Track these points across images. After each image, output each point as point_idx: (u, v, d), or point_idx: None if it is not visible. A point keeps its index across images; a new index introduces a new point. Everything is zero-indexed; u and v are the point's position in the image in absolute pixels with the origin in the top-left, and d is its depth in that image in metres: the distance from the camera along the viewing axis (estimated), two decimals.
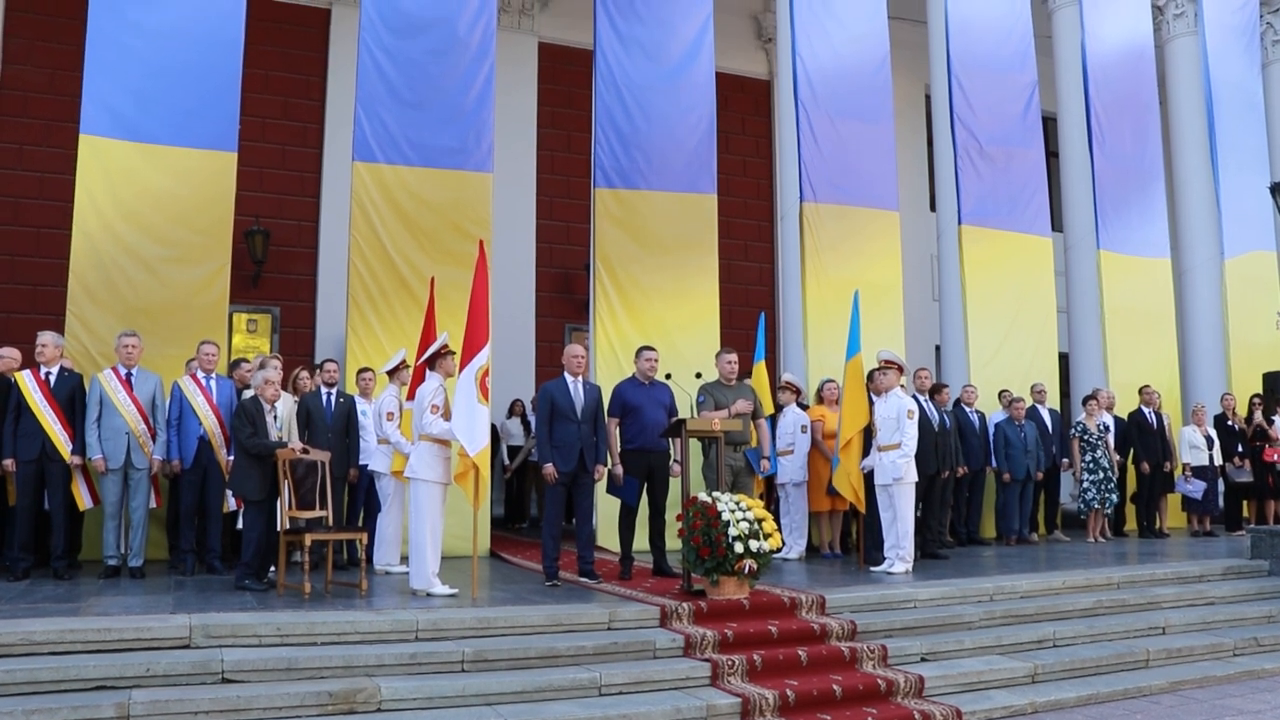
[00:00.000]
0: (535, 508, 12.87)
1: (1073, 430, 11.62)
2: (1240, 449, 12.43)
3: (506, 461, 12.80)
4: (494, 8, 10.38)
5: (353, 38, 10.50)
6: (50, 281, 10.86)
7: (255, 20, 10.10)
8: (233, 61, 9.34)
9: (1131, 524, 12.46)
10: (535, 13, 14.98)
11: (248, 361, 9.05)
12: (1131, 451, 12.18)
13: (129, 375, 7.95)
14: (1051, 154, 14.09)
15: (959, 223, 12.34)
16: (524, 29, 14.85)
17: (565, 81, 14.92)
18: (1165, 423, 12.36)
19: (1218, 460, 12.28)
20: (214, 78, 9.25)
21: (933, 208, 14.08)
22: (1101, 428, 11.53)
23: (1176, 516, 12.65)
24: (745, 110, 16.22)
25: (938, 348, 13.42)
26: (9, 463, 7.60)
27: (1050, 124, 14.40)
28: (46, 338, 7.89)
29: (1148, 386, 12.42)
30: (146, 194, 9.00)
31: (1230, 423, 12.60)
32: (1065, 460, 11.71)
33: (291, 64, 13.72)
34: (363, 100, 9.78)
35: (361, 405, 8.75)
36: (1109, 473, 11.34)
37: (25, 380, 7.70)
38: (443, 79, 9.98)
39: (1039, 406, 11.67)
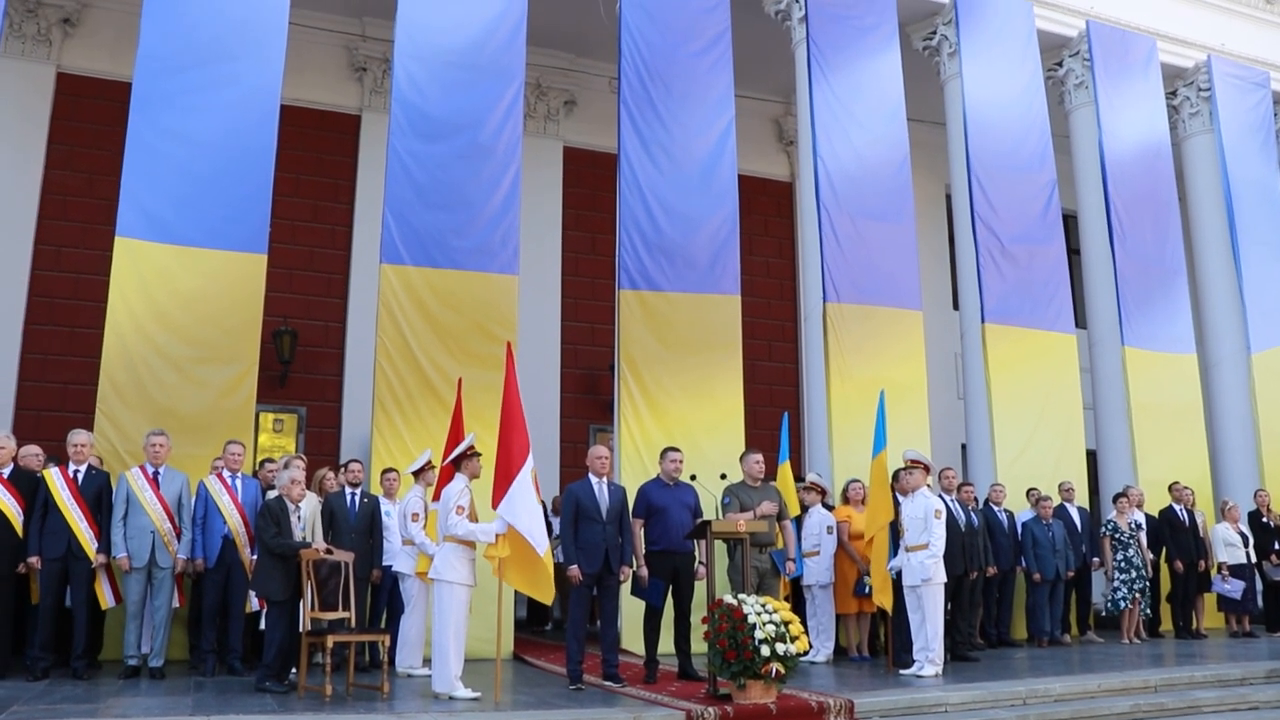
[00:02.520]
0: (559, 609, 12.72)
1: (1103, 528, 11.46)
2: (1276, 546, 12.20)
3: None
4: (520, 113, 10.62)
5: (382, 142, 10.76)
6: (81, 380, 11.00)
7: (287, 126, 10.36)
8: (265, 167, 9.57)
9: (1167, 624, 12.19)
10: (560, 118, 15.32)
11: (273, 461, 9.09)
12: (1164, 550, 11.98)
13: (156, 474, 7.99)
14: (1073, 251, 14.17)
15: (982, 321, 12.34)
16: (549, 134, 15.17)
17: (589, 184, 15.17)
18: (1198, 520, 12.17)
19: (1254, 558, 12.05)
20: (247, 182, 9.47)
21: (955, 306, 14.12)
22: (1133, 526, 11.37)
23: (1214, 616, 12.38)
24: (767, 211, 16.41)
25: (964, 446, 13.34)
26: (34, 560, 7.62)
27: (1070, 221, 14.50)
28: (80, 436, 7.98)
29: (1178, 483, 12.27)
30: (178, 295, 9.15)
31: (1265, 519, 12.39)
32: (1096, 559, 11.53)
33: (322, 168, 14.03)
34: (391, 203, 9.97)
35: (385, 506, 8.75)
36: (1142, 571, 11.14)
37: (54, 478, 7.77)
38: (469, 183, 10.17)
39: (1067, 505, 11.53)
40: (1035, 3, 13.80)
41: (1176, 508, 12.06)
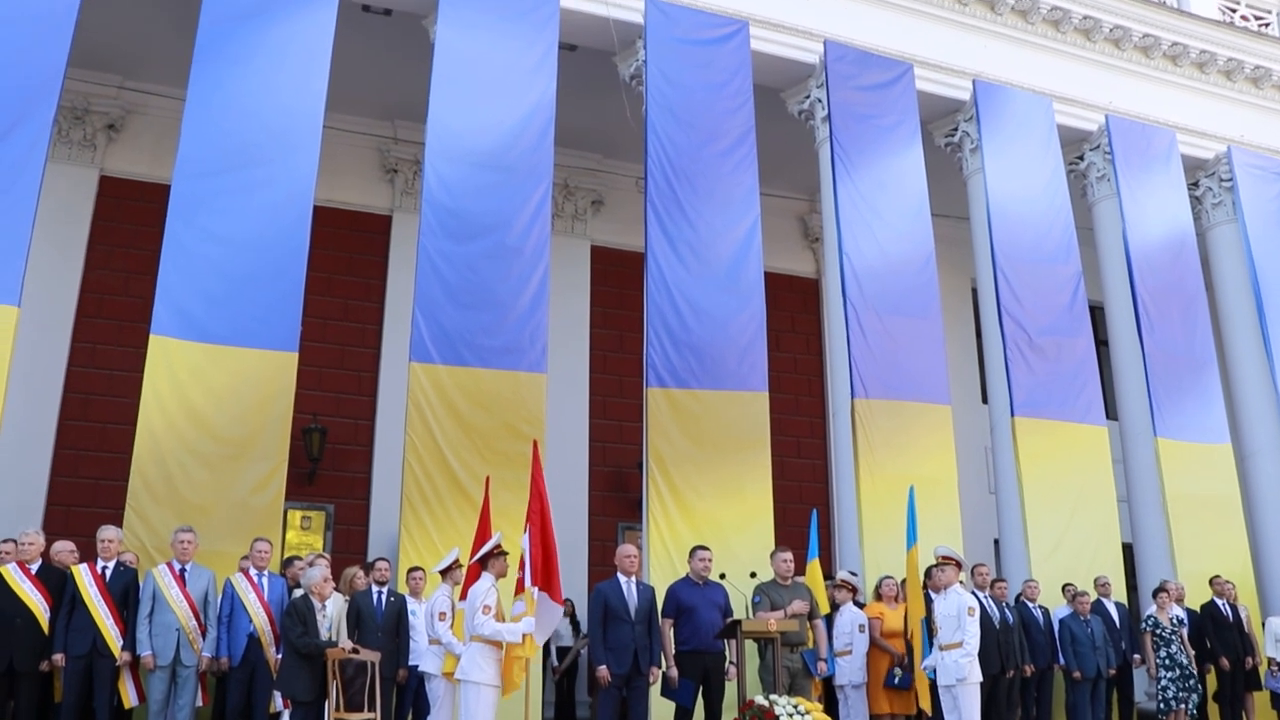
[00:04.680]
0: (586, 709, 12.52)
1: (1144, 624, 11.19)
2: None
3: (556, 663, 12.53)
4: (548, 214, 10.78)
5: (412, 242, 10.92)
6: (112, 476, 11.05)
7: (320, 226, 10.54)
8: (298, 267, 9.73)
9: None
10: (588, 218, 15.53)
11: (301, 559, 9.08)
12: (1208, 646, 11.65)
13: (183, 571, 8.02)
14: (1101, 342, 14.11)
15: (1012, 414, 12.25)
16: (577, 233, 15.36)
17: (617, 283, 15.29)
18: (1242, 615, 11.87)
19: None
20: (280, 282, 9.64)
21: (984, 400, 14.05)
22: (1175, 621, 11.09)
23: (1267, 714, 11.95)
24: (794, 308, 16.46)
25: (996, 542, 13.14)
26: (59, 658, 7.59)
27: (1097, 312, 14.48)
28: (109, 532, 8.02)
29: (1219, 576, 11.99)
30: (210, 393, 9.25)
31: None
32: (1137, 656, 11.25)
33: (353, 267, 14.23)
34: (420, 302, 10.07)
35: (412, 605, 8.69)
36: (1188, 669, 10.82)
37: (82, 575, 7.80)
38: (498, 282, 10.29)
39: (1104, 600, 11.29)
40: (1054, 98, 13.97)
41: (1219, 602, 11.77)
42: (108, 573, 7.87)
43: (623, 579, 7.72)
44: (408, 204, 14.29)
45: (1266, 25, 16.33)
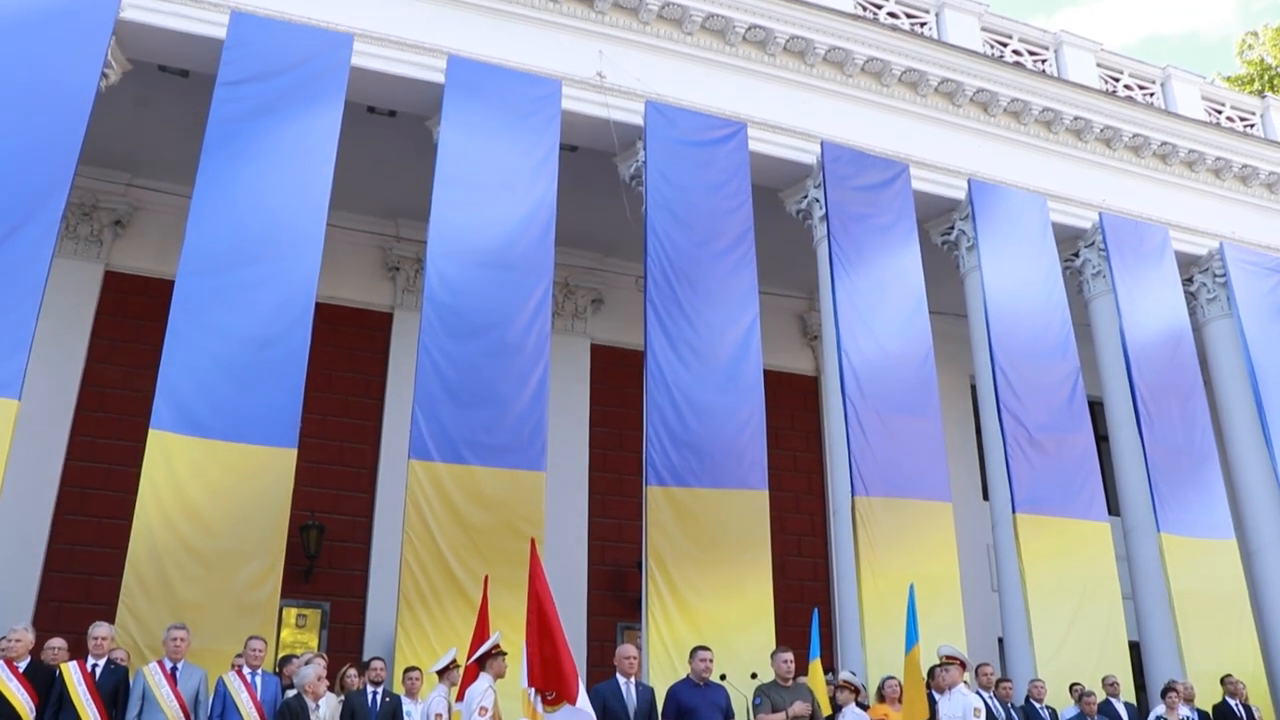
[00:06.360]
0: None
1: None
2: None
3: None
4: (548, 312, 10.87)
5: (413, 339, 10.98)
6: (105, 571, 10.92)
7: (321, 322, 10.61)
8: (299, 364, 9.77)
9: None
10: (588, 316, 15.63)
11: (297, 657, 8.94)
12: None
13: (174, 669, 7.88)
14: (1101, 438, 14.09)
15: (1013, 511, 12.18)
16: (577, 331, 15.45)
17: (617, 381, 15.31)
18: (1256, 715, 11.64)
19: None
20: (280, 379, 9.66)
21: (985, 497, 13.98)
22: None
23: None
24: (794, 406, 16.46)
25: (1000, 640, 12.94)
26: None
27: (1097, 408, 14.48)
28: (101, 629, 7.90)
29: (1231, 675, 11.79)
30: (208, 489, 9.22)
31: None
32: None
33: (354, 364, 14.26)
34: (420, 400, 10.09)
35: (408, 705, 8.53)
36: None
37: (71, 672, 7.66)
38: (498, 380, 10.32)
39: (1113, 700, 11.09)
40: (1049, 196, 14.21)
41: (1231, 702, 11.56)
42: (98, 671, 7.73)
43: (622, 680, 7.60)
44: (409, 301, 14.39)
45: (1252, 126, 16.68)
